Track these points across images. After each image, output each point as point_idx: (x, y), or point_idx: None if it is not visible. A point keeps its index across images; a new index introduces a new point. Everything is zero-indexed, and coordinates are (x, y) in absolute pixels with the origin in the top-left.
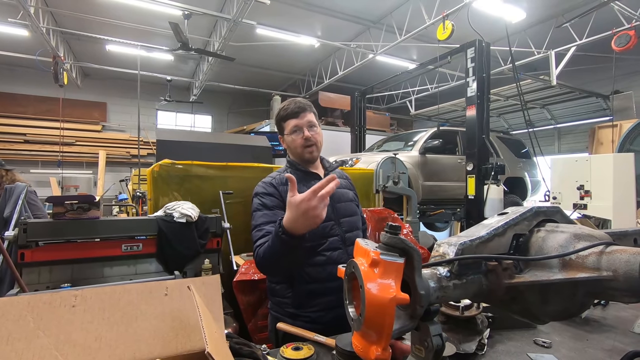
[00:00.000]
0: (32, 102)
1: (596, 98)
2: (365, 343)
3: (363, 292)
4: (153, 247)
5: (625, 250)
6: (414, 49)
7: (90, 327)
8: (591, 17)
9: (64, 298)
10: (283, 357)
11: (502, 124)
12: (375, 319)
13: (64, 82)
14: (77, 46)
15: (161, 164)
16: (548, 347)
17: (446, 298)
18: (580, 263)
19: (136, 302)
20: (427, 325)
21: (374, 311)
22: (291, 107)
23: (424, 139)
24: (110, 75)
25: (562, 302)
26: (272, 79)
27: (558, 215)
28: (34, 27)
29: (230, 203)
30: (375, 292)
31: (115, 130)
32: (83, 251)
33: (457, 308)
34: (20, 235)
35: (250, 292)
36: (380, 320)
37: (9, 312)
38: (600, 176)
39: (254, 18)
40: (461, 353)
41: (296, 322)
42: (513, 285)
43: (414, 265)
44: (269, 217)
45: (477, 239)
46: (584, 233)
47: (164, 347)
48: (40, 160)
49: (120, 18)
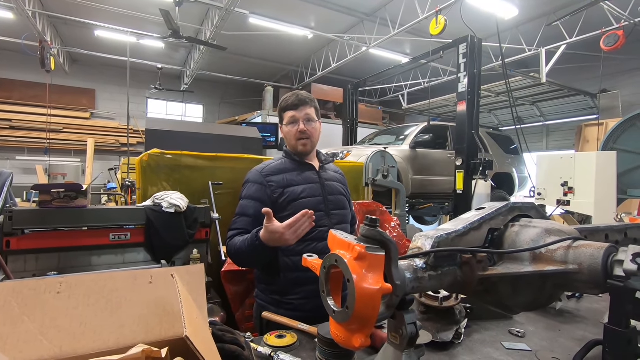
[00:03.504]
0: (17, 87)
1: (584, 96)
2: (347, 332)
3: (352, 285)
4: (141, 236)
5: (590, 245)
6: (407, 43)
7: (75, 313)
8: (581, 16)
9: (49, 284)
10: (267, 345)
11: (493, 120)
12: (364, 310)
13: (51, 67)
14: (65, 31)
15: (150, 153)
16: (522, 337)
17: (422, 288)
18: (549, 257)
19: (121, 290)
20: (402, 315)
21: (364, 303)
22: (292, 100)
23: (414, 134)
24: (100, 62)
25: (532, 294)
26: (264, 70)
27: (533, 211)
28: (20, 10)
29: (220, 194)
30: (364, 285)
31: (105, 118)
32: (70, 240)
33: (436, 299)
34: (6, 223)
35: (238, 282)
36: (369, 311)
37: None
38: (583, 174)
39: (247, 7)
40: (438, 342)
41: (279, 309)
42: (486, 277)
43: (391, 256)
44: (250, 207)
45: (453, 233)
46: (555, 228)
47: (147, 333)
48: (27, 147)
49: (110, 3)
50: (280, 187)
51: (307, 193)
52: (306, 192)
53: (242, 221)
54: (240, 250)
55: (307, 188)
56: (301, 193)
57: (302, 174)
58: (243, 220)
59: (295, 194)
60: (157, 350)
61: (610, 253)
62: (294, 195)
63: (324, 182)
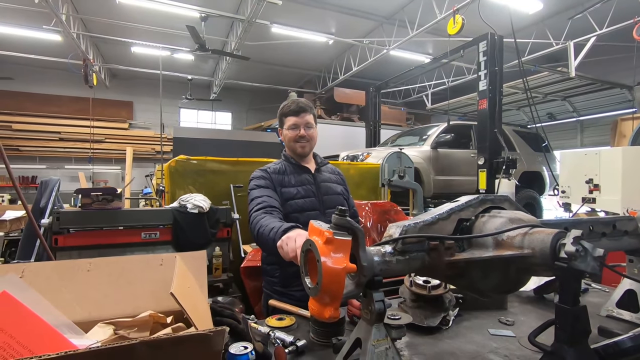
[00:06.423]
0: (65, 102)
1: (620, 89)
2: (320, 306)
3: (320, 265)
4: (169, 235)
5: (543, 231)
6: (428, 43)
7: (100, 287)
8: (612, 6)
9: (81, 264)
10: (268, 325)
11: (522, 117)
12: (330, 285)
13: (93, 83)
14: (105, 49)
15: (177, 159)
16: (510, 325)
17: (390, 271)
18: (509, 243)
19: (136, 270)
20: (371, 293)
21: (329, 280)
22: (293, 107)
23: (435, 134)
24: (136, 76)
25: (499, 278)
26: (288, 76)
27: (506, 203)
28: (66, 32)
29: (241, 196)
30: (330, 264)
31: (141, 128)
32: (108, 238)
33: (425, 287)
34: (54, 223)
35: (257, 277)
36: (334, 287)
37: (40, 273)
38: (609, 170)
39: (268, 18)
40: (424, 326)
41: (283, 299)
42: (453, 262)
43: (359, 242)
44: (263, 190)
45: (421, 222)
46: (517, 218)
47: (157, 304)
48: (74, 157)
49: (143, 22)
50: (278, 185)
51: (302, 194)
52: (300, 193)
53: (259, 198)
54: (259, 237)
55: (301, 190)
56: (296, 194)
57: (298, 177)
58: (258, 198)
59: (290, 195)
60: (162, 315)
61: (558, 238)
62: (289, 195)
63: (319, 183)
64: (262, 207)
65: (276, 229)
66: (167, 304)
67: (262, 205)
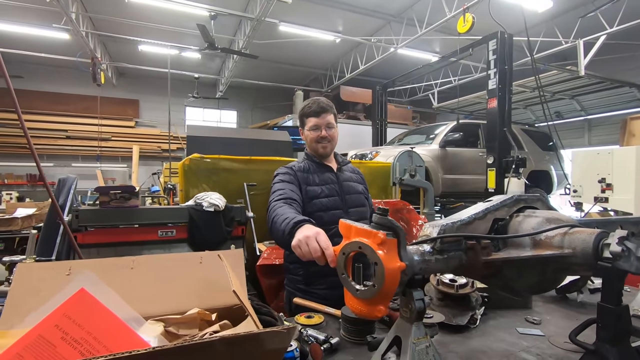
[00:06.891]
0: (73, 100)
1: (629, 88)
2: (369, 306)
3: (381, 267)
4: (185, 233)
5: (583, 231)
6: (436, 41)
7: (144, 284)
8: (622, 4)
9: (125, 262)
10: (297, 323)
11: (529, 115)
12: (389, 285)
13: (101, 81)
14: (112, 47)
15: (191, 158)
16: (537, 324)
17: (429, 270)
18: (548, 242)
19: (178, 268)
20: (411, 292)
21: (390, 280)
22: (314, 107)
23: (444, 133)
24: (143, 74)
25: (535, 277)
26: (295, 75)
27: (539, 202)
28: (75, 31)
29: (254, 194)
30: (390, 265)
31: (148, 126)
32: (125, 235)
33: (452, 286)
34: (74, 221)
35: (272, 275)
36: (392, 287)
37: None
38: (622, 169)
39: (276, 16)
40: (453, 325)
41: (306, 297)
42: (490, 261)
43: (400, 241)
44: (286, 184)
45: (458, 222)
46: (554, 217)
47: (199, 301)
48: (81, 155)
49: (151, 20)
50: (304, 183)
51: (326, 193)
52: (324, 192)
53: (281, 190)
54: (274, 222)
55: (325, 188)
56: (320, 193)
57: (322, 175)
58: (280, 190)
59: (315, 193)
60: (208, 313)
61: (601, 238)
62: (314, 193)
63: (341, 182)
64: (282, 198)
65: (289, 219)
66: (209, 301)
67: (283, 196)
